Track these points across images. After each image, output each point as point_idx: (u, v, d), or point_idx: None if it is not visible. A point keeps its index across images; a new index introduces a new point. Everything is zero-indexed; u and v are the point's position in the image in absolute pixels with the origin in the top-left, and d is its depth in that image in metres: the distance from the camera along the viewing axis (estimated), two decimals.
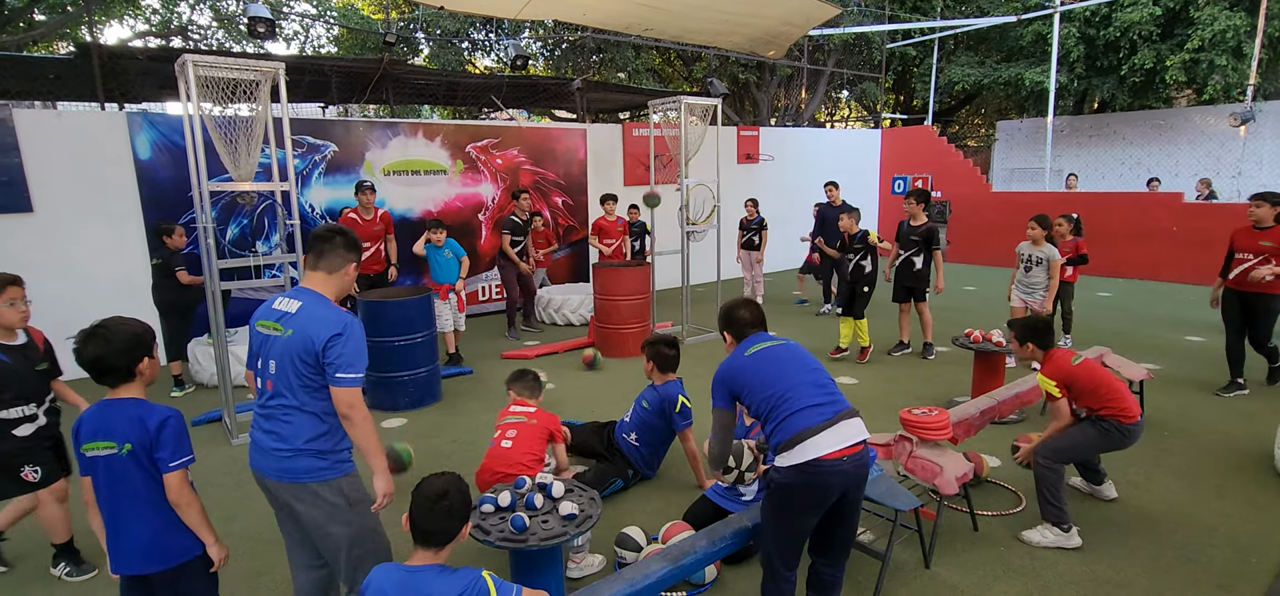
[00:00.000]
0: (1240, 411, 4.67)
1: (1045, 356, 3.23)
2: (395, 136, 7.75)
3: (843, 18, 13.62)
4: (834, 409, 2.22)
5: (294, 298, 2.13)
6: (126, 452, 1.89)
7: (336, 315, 2.08)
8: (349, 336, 2.05)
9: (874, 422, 4.62)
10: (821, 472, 2.13)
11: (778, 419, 2.22)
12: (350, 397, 2.05)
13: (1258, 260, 4.68)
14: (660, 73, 18.34)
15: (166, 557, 1.97)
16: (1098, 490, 3.49)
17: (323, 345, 2.02)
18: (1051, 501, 3.07)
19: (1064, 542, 3.06)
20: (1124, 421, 3.07)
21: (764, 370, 2.33)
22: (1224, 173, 13.62)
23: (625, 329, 6.47)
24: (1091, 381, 3.12)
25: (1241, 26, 12.19)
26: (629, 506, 3.54)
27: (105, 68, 7.07)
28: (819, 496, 2.18)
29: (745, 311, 2.54)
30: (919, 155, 13.03)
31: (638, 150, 9.80)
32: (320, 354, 2.03)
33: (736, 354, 2.44)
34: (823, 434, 2.15)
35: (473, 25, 15.81)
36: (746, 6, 8.12)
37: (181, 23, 15.86)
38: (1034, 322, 3.33)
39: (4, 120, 5.73)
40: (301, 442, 2.06)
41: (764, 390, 2.28)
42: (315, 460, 2.08)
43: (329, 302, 2.14)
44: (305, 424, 2.07)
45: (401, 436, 4.57)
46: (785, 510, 2.24)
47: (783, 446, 2.18)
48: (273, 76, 4.34)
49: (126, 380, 1.96)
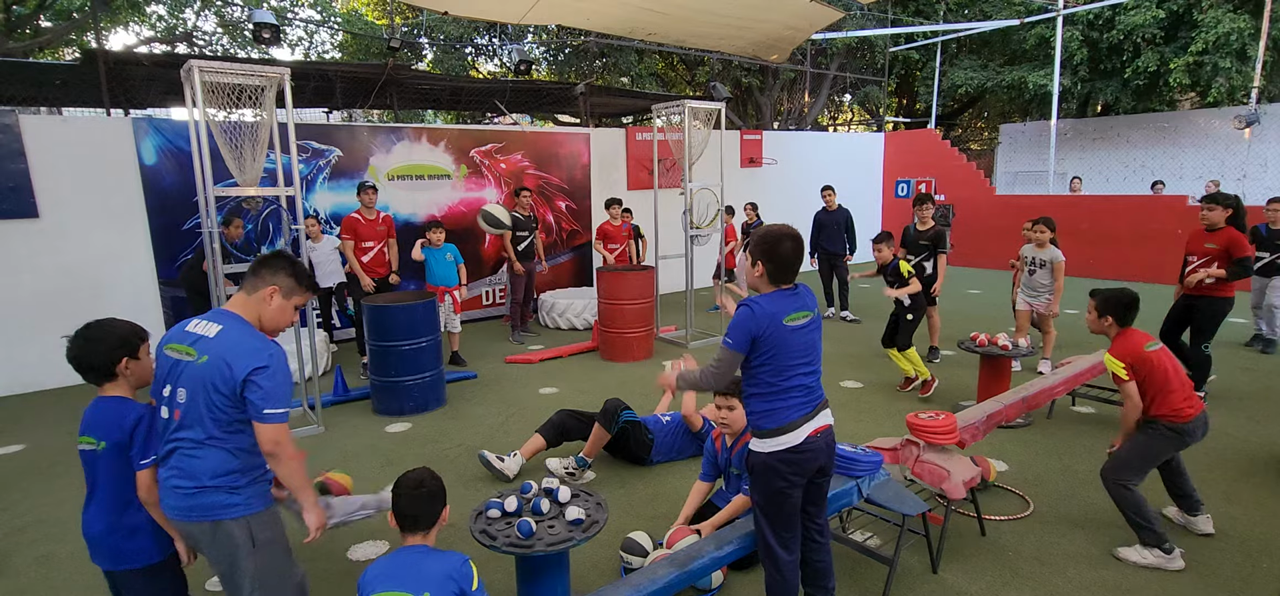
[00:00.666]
0: (1249, 415, 4.64)
1: (1120, 334, 3.00)
2: (399, 141, 7.77)
3: (845, 22, 13.64)
4: (816, 399, 2.32)
5: (212, 320, 1.97)
6: (102, 449, 1.94)
7: (261, 344, 1.93)
8: (275, 368, 1.90)
9: (880, 427, 4.61)
10: (806, 450, 2.26)
11: (773, 401, 2.25)
12: (277, 435, 1.90)
13: (1201, 262, 4.65)
14: (663, 77, 18.37)
15: (119, 559, 2.00)
16: (1192, 521, 3.16)
17: (244, 377, 1.87)
18: (1140, 522, 2.88)
19: (1165, 564, 2.85)
20: (1177, 421, 2.89)
21: (793, 352, 2.22)
22: (1229, 176, 13.57)
23: (629, 333, 6.46)
24: (1157, 373, 2.91)
25: (1245, 29, 12.16)
26: (636, 511, 3.53)
27: (111, 74, 7.10)
28: (799, 470, 2.28)
29: (790, 245, 2.25)
30: (922, 158, 13.01)
31: (641, 154, 9.81)
32: (240, 386, 1.87)
33: (775, 312, 2.20)
34: (803, 425, 2.26)
35: (477, 30, 15.87)
36: (749, 11, 8.13)
37: (186, 29, 15.95)
38: (1120, 296, 3.02)
39: (10, 126, 5.76)
40: (207, 478, 1.89)
41: (781, 367, 2.23)
42: (226, 496, 1.91)
43: (252, 329, 1.99)
44: (214, 458, 1.89)
45: (403, 441, 4.57)
46: (771, 484, 2.29)
47: (768, 432, 2.26)
48: (278, 82, 4.35)
49: (108, 379, 1.99)
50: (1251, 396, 5.04)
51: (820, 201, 8.27)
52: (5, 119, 5.77)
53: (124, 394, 2.01)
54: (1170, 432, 2.92)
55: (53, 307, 5.95)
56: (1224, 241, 4.58)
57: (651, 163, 7.64)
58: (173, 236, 6.51)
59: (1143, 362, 2.93)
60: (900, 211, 13.22)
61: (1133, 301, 3.01)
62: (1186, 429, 2.92)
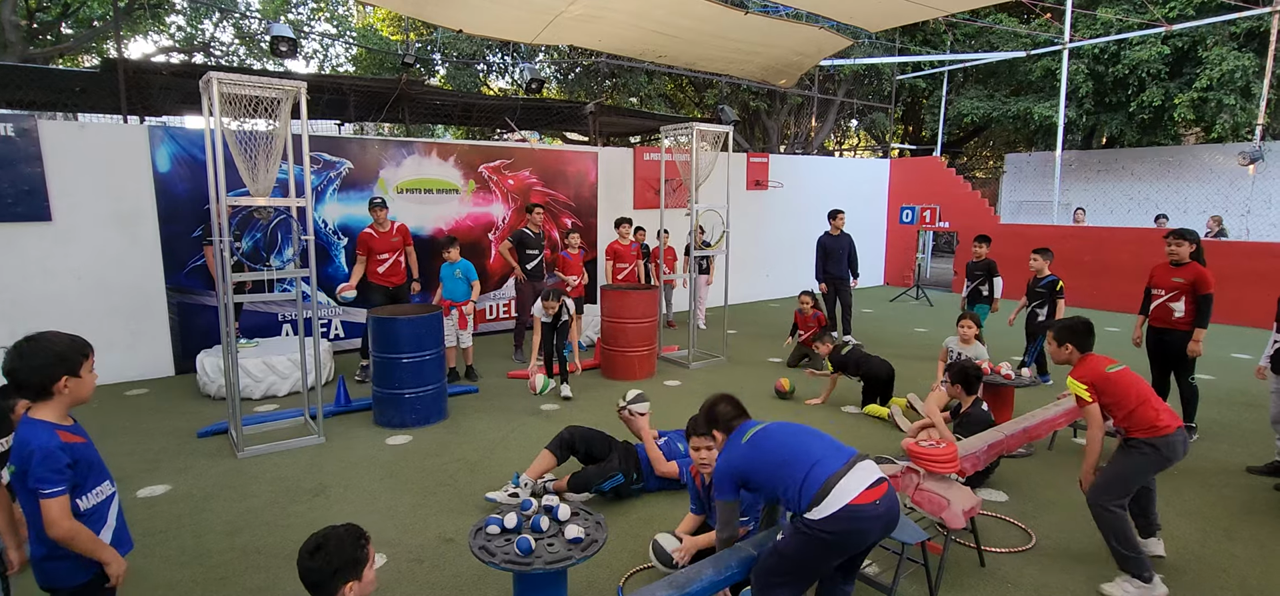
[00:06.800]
0: (1251, 453, 4.62)
1: (1081, 360, 3.04)
2: (409, 155, 7.87)
3: (854, 49, 13.78)
4: (847, 455, 2.28)
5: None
6: (11, 474, 1.85)
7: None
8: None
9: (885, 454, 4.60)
10: (860, 518, 2.15)
11: (798, 479, 2.22)
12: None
13: (1170, 296, 4.75)
14: (672, 98, 18.56)
15: (52, 579, 1.92)
16: (1145, 543, 3.14)
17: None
18: (1121, 548, 2.87)
19: (1147, 594, 2.84)
20: (1156, 435, 2.87)
21: (765, 447, 2.39)
22: (1233, 211, 13.60)
23: (632, 352, 6.48)
24: (1121, 392, 2.92)
25: (1250, 67, 12.25)
26: (634, 533, 3.52)
27: (129, 82, 7.23)
28: (855, 541, 2.21)
29: (726, 405, 2.60)
30: (927, 186, 13.08)
31: (648, 174, 9.89)
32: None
33: (732, 445, 2.48)
34: (846, 477, 2.18)
35: (489, 48, 16.09)
36: (759, 36, 8.24)
37: (205, 40, 16.22)
38: (1074, 323, 3.08)
39: (29, 130, 5.87)
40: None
41: (772, 464, 2.32)
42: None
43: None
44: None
45: (403, 454, 4.58)
46: (817, 555, 2.23)
47: (815, 500, 2.17)
48: (294, 95, 4.43)
49: (42, 398, 1.84)
50: (1255, 433, 5.02)
51: (824, 225, 8.31)
52: (24, 123, 5.87)
53: (52, 415, 1.87)
54: (1150, 449, 2.90)
55: (62, 310, 6.01)
56: (1190, 276, 4.68)
57: (658, 183, 7.70)
58: (182, 243, 6.58)
59: (1106, 382, 2.95)
60: (904, 238, 13.27)
61: (1087, 327, 3.10)
62: (1167, 442, 2.88)
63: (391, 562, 3.20)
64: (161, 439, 4.86)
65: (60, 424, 1.89)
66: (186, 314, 6.66)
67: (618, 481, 3.76)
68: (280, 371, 5.97)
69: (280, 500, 3.86)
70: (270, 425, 5.06)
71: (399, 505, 3.80)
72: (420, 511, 3.72)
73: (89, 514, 1.93)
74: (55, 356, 1.84)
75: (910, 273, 12.90)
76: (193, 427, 5.06)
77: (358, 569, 1.79)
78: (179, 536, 3.45)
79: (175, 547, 3.34)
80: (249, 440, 4.66)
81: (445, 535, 3.45)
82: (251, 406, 5.68)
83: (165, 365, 6.64)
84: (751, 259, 11.29)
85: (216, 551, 3.31)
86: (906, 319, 9.92)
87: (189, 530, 3.52)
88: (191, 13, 15.58)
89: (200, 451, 4.61)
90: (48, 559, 1.91)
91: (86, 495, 1.92)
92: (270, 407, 5.66)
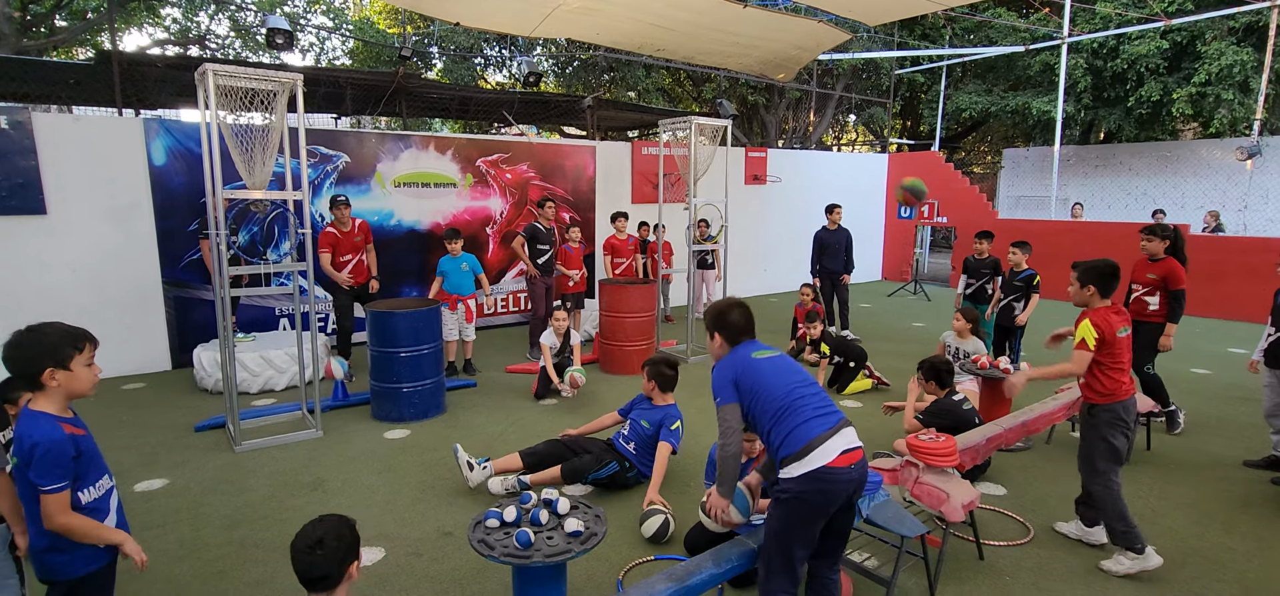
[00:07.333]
0: (1247, 447, 4.63)
1: (1102, 306, 3.02)
2: (407, 148, 7.83)
3: (852, 43, 13.75)
4: (835, 418, 2.31)
5: None
6: (13, 466, 1.85)
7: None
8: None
9: (880, 448, 4.60)
10: (830, 480, 2.21)
11: (788, 427, 2.26)
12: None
13: (1144, 290, 4.89)
14: (670, 92, 18.50)
15: (51, 572, 1.92)
16: (1087, 533, 3.30)
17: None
18: (1116, 523, 2.95)
19: (1144, 565, 2.94)
20: (1114, 400, 2.98)
21: (771, 376, 2.37)
22: (1230, 206, 13.62)
23: (630, 346, 6.48)
24: (1116, 360, 2.98)
25: (1248, 62, 12.25)
26: (632, 527, 3.52)
27: (124, 74, 7.17)
28: (826, 502, 2.25)
29: (738, 314, 2.52)
30: (925, 180, 13.04)
31: (646, 168, 9.86)
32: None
33: (741, 354, 2.45)
34: (828, 442, 2.24)
35: (486, 41, 16.01)
36: (758, 30, 8.21)
37: (200, 32, 16.12)
38: (1102, 266, 3.02)
39: (22, 123, 5.82)
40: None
41: (774, 395, 2.32)
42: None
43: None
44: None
45: (401, 448, 4.58)
46: (795, 518, 2.26)
47: (793, 457, 2.23)
48: (291, 87, 4.40)
49: (36, 389, 1.85)
50: (1250, 427, 5.04)
51: (822, 219, 8.30)
52: (18, 116, 5.82)
53: (50, 406, 1.87)
54: (1108, 413, 3.00)
55: (57, 304, 5.98)
56: (1163, 271, 4.79)
57: (656, 177, 7.68)
58: (179, 237, 6.55)
59: (1113, 344, 2.98)
60: (902, 232, 13.27)
61: (1114, 271, 3.03)
62: (1126, 406, 2.99)
63: (390, 556, 3.19)
64: (158, 433, 4.84)
65: (61, 416, 1.89)
66: (183, 308, 6.62)
67: (612, 469, 3.77)
68: (277, 365, 5.96)
69: (278, 494, 3.85)
70: (267, 419, 5.05)
71: (397, 499, 3.79)
72: (418, 505, 3.71)
73: (91, 507, 1.93)
74: (44, 348, 1.84)
75: (908, 267, 12.91)
76: (190, 422, 5.04)
77: (355, 550, 1.81)
78: (176, 530, 3.44)
79: (173, 541, 3.33)
80: (246, 434, 4.65)
81: (444, 529, 3.45)
82: (249, 400, 5.67)
83: (162, 359, 6.61)
84: (750, 253, 11.29)
85: (214, 545, 3.30)
86: (904, 313, 9.93)
87: (186, 524, 3.51)
88: (186, 5, 15.48)
89: (197, 445, 4.60)
90: (48, 551, 1.91)
91: (88, 488, 1.93)
92: (267, 402, 5.65)
